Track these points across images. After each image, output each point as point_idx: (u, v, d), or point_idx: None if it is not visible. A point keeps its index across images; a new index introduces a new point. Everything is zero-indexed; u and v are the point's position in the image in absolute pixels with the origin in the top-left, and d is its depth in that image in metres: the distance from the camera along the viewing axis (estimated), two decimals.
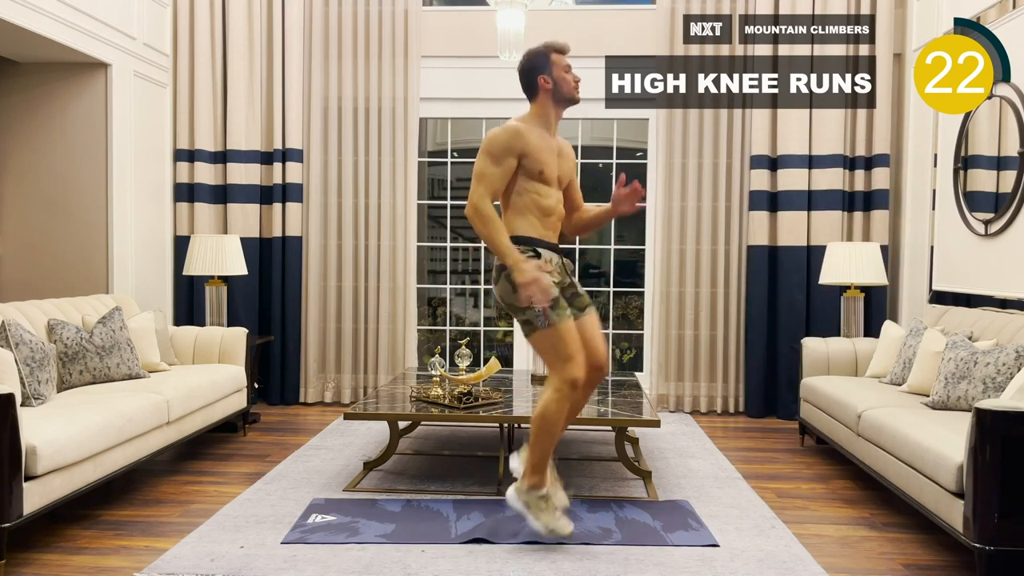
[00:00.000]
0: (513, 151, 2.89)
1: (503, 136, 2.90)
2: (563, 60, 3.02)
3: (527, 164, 2.92)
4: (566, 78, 3.01)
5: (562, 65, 3.01)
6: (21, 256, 5.02)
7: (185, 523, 3.22)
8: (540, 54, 3.01)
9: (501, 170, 2.90)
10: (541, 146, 2.95)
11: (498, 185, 2.91)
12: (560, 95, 3.01)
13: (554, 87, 2.99)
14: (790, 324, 5.49)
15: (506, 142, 2.89)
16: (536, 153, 2.93)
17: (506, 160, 2.89)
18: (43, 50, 4.65)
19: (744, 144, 5.58)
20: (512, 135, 2.90)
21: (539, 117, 3.02)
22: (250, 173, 5.69)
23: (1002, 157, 4.22)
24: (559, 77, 2.99)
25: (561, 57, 3.02)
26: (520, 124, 2.95)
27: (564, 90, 3.01)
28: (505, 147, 2.89)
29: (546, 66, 2.99)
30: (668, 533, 3.10)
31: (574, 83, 3.02)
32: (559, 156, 3.04)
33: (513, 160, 2.90)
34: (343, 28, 5.73)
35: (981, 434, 2.58)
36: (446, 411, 3.79)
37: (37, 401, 3.34)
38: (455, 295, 6.65)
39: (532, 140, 2.93)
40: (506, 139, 2.90)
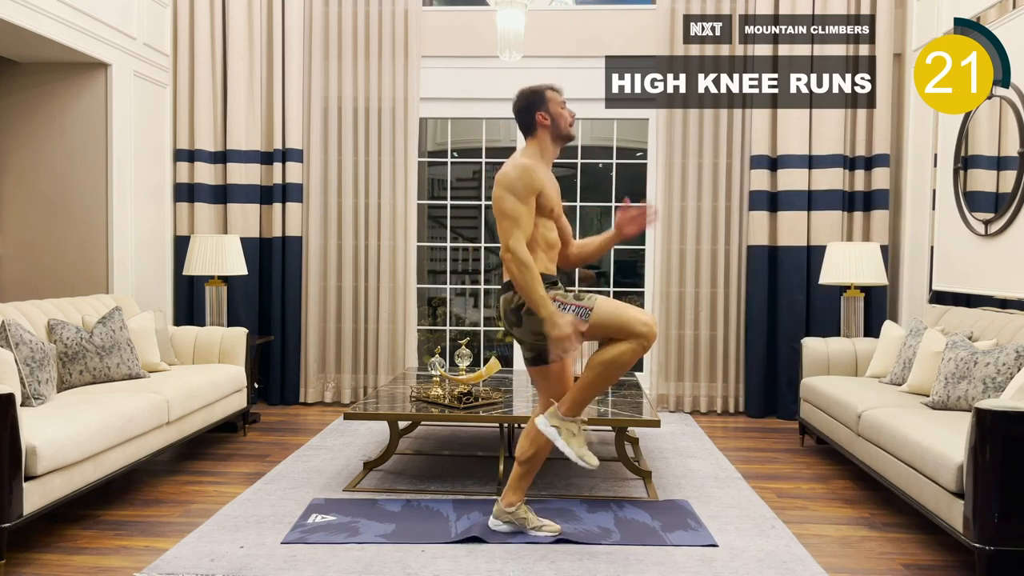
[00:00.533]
0: (533, 188, 2.89)
1: (521, 174, 2.89)
2: (558, 97, 3.05)
3: (541, 202, 2.93)
4: (563, 114, 3.03)
5: (558, 101, 3.04)
6: (21, 256, 5.02)
7: (185, 523, 3.22)
8: (536, 92, 3.04)
9: (529, 209, 2.89)
10: (548, 182, 2.98)
11: (529, 225, 2.89)
12: (557, 131, 3.03)
13: (552, 123, 3.01)
14: (790, 324, 5.49)
15: (528, 182, 2.89)
16: (548, 190, 2.95)
17: (531, 199, 2.89)
18: (43, 50, 4.65)
19: (744, 144, 5.58)
20: (530, 173, 2.90)
21: (538, 153, 3.03)
22: (250, 173, 5.69)
23: (1002, 157, 4.22)
24: (556, 113, 3.02)
25: (556, 94, 3.05)
26: (529, 162, 2.95)
27: (561, 126, 3.03)
28: (528, 187, 2.88)
29: (543, 103, 3.01)
30: (667, 533, 3.10)
31: (570, 118, 3.05)
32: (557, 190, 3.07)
33: (534, 199, 2.91)
34: (343, 28, 5.73)
35: (981, 434, 2.58)
36: (446, 411, 3.79)
37: (37, 401, 3.34)
38: (455, 295, 6.65)
39: (543, 177, 2.96)
40: (528, 179, 2.89)
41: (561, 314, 2.81)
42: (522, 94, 3.06)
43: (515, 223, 2.85)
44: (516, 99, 3.07)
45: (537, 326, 2.85)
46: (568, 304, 2.86)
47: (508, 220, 2.86)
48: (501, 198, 2.88)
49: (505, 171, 2.92)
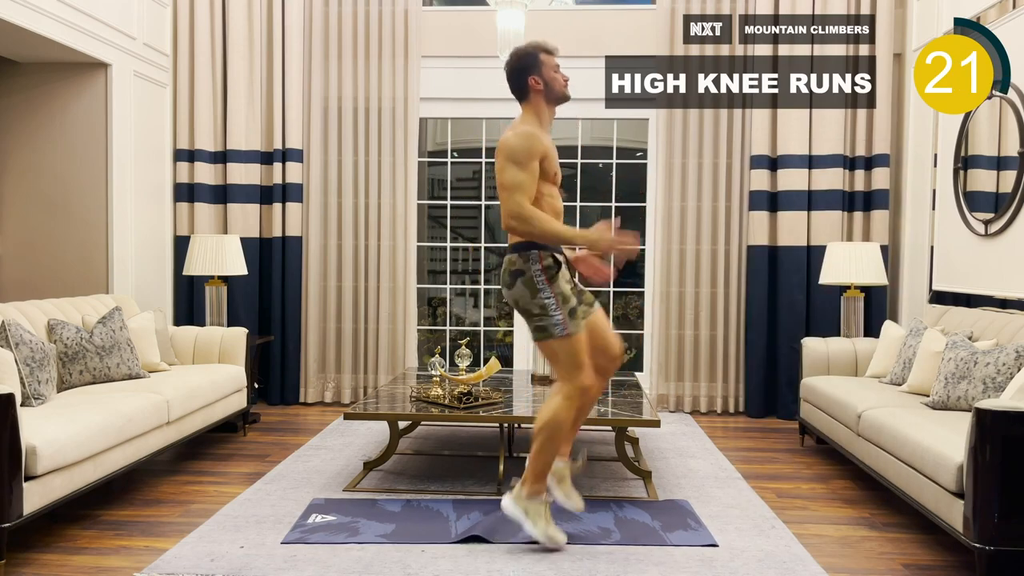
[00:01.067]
0: (536, 154, 2.85)
1: (524, 141, 2.85)
2: (552, 60, 2.99)
3: (545, 167, 2.89)
4: (556, 77, 2.98)
5: (551, 65, 2.98)
6: (21, 256, 5.02)
7: (185, 523, 3.22)
8: (528, 55, 2.98)
9: (531, 175, 2.84)
10: (549, 148, 2.94)
11: (532, 190, 2.85)
12: (552, 94, 2.98)
13: (546, 87, 2.97)
14: (790, 324, 5.49)
15: (529, 146, 2.84)
16: (549, 154, 2.91)
17: (532, 164, 2.84)
18: (43, 50, 4.65)
19: (744, 144, 5.58)
20: (532, 138, 2.86)
21: (535, 117, 2.98)
22: (250, 173, 5.69)
23: (1002, 157, 4.22)
24: (549, 77, 2.96)
25: (550, 57, 2.99)
26: (530, 128, 2.91)
27: (556, 89, 2.98)
28: (528, 151, 2.84)
29: (536, 66, 2.96)
30: (667, 533, 3.10)
31: (564, 81, 2.99)
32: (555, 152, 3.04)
33: (536, 164, 2.86)
34: (343, 28, 5.73)
35: (981, 434, 2.58)
36: (446, 411, 3.79)
37: (37, 401, 3.34)
38: (455, 295, 6.65)
39: (546, 141, 2.92)
40: (528, 143, 2.85)
41: (594, 231, 2.83)
42: (513, 56, 3.00)
43: (514, 189, 2.82)
44: (507, 61, 3.01)
45: (524, 301, 2.86)
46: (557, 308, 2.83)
47: (507, 189, 2.83)
48: (502, 169, 2.85)
49: (506, 138, 2.88)
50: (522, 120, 2.98)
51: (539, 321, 2.86)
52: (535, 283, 2.85)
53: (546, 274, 2.86)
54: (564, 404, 2.88)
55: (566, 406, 2.88)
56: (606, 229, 2.86)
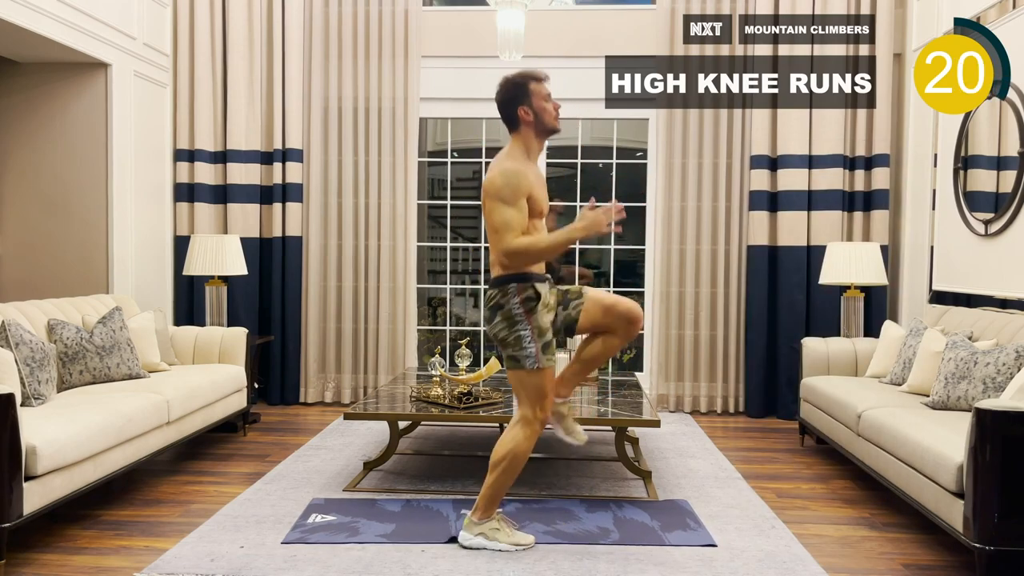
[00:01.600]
0: (523, 192, 2.80)
1: (510, 180, 2.80)
2: (543, 89, 2.91)
3: (531, 204, 2.85)
4: (547, 108, 2.89)
5: (542, 94, 2.90)
6: (21, 256, 5.02)
7: (185, 523, 3.22)
8: (518, 84, 2.90)
9: (520, 212, 2.80)
10: (536, 182, 2.89)
11: (522, 225, 2.81)
12: (541, 126, 2.90)
13: (535, 119, 2.89)
14: (790, 324, 5.49)
15: (516, 185, 2.80)
16: (535, 190, 2.86)
17: (520, 201, 2.80)
18: (43, 50, 4.65)
19: (744, 144, 5.58)
20: (517, 176, 2.81)
21: (523, 149, 2.91)
22: (250, 173, 5.69)
23: (1002, 157, 4.22)
24: (539, 107, 2.88)
25: (540, 86, 2.90)
26: (515, 165, 2.85)
27: (546, 121, 2.90)
28: (516, 189, 2.79)
29: (525, 96, 2.88)
30: (666, 533, 3.10)
31: (555, 112, 2.91)
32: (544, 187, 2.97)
33: (524, 201, 2.82)
34: (343, 28, 5.73)
35: (981, 434, 2.58)
36: (446, 411, 3.79)
37: (37, 401, 3.34)
38: (455, 295, 6.65)
39: (531, 179, 2.86)
40: (515, 182, 2.79)
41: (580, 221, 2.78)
42: (503, 85, 2.93)
43: (505, 229, 2.79)
44: (498, 90, 2.94)
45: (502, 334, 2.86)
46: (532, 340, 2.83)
47: (497, 231, 2.80)
48: (491, 211, 2.81)
49: (491, 178, 2.83)
50: (508, 154, 2.91)
51: (512, 351, 2.86)
52: (513, 316, 2.84)
53: (524, 306, 2.83)
54: (525, 435, 2.88)
55: (527, 436, 2.88)
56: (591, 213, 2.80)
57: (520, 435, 2.88)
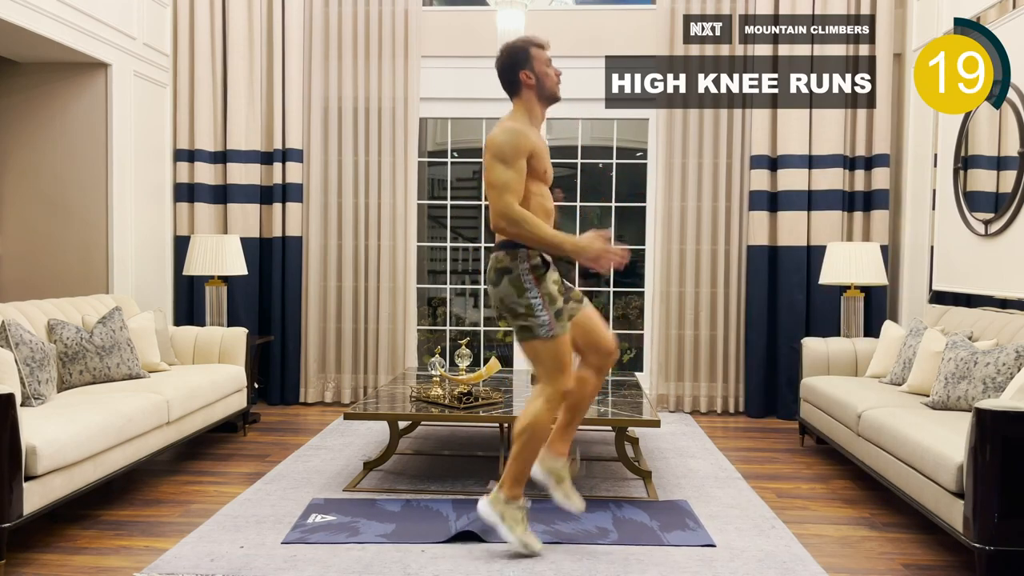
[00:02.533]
0: (523, 151, 2.78)
1: (510, 137, 2.79)
2: (543, 54, 2.90)
3: (534, 164, 2.82)
4: (548, 72, 2.89)
5: (543, 59, 2.90)
6: (21, 256, 5.02)
7: (185, 523, 3.22)
8: (520, 49, 2.89)
9: (518, 173, 2.77)
10: (540, 145, 2.87)
11: (520, 188, 2.78)
12: (543, 91, 2.90)
13: (537, 83, 2.88)
14: (790, 324, 5.49)
15: (516, 143, 2.78)
16: (539, 152, 2.84)
17: (519, 162, 2.77)
18: (43, 50, 4.65)
19: (744, 144, 5.58)
20: (518, 135, 2.79)
21: (526, 114, 2.90)
22: (250, 173, 5.69)
23: (1002, 157, 4.22)
24: (541, 72, 2.88)
25: (542, 51, 2.90)
26: (517, 124, 2.84)
27: (547, 85, 2.89)
28: (515, 148, 2.77)
29: (527, 61, 2.88)
30: (665, 533, 3.10)
31: (556, 77, 2.91)
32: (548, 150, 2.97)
33: (524, 161, 2.79)
34: (343, 28, 5.73)
35: (981, 434, 2.58)
36: (446, 411, 3.79)
37: (37, 401, 3.34)
38: (455, 295, 6.65)
39: (534, 138, 2.84)
40: (514, 140, 2.78)
41: (583, 239, 2.77)
42: (504, 50, 2.91)
43: (501, 189, 2.75)
44: (498, 56, 2.92)
45: (509, 300, 2.81)
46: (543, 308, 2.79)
47: (494, 189, 2.76)
48: (490, 167, 2.78)
49: (492, 135, 2.81)
50: (511, 116, 2.90)
51: (524, 321, 2.80)
52: (522, 282, 2.79)
53: (534, 273, 2.81)
54: (545, 407, 2.83)
55: (547, 409, 2.83)
56: (596, 237, 2.80)
57: (541, 407, 2.83)
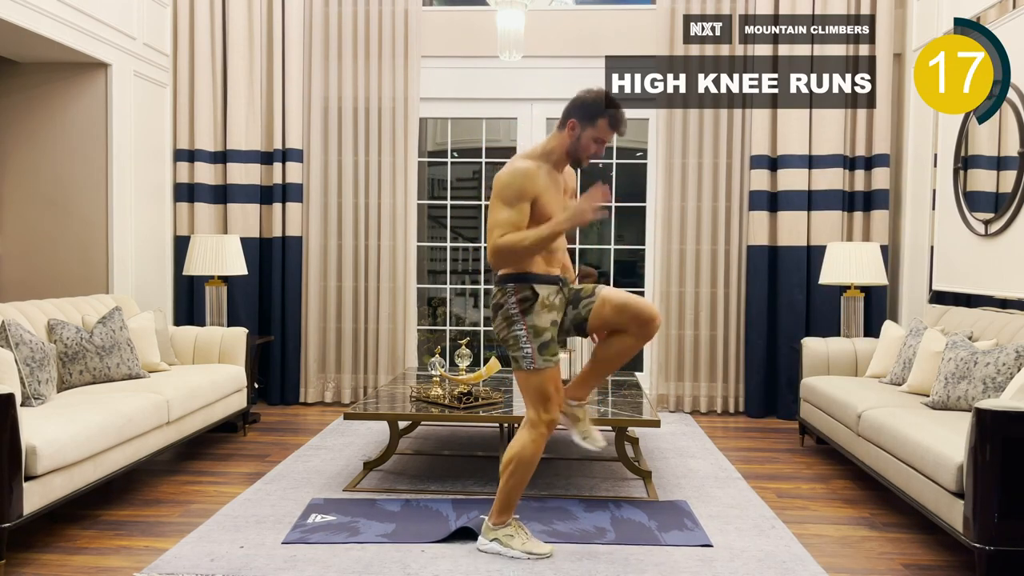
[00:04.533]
0: (527, 195, 2.75)
1: (514, 180, 2.74)
2: (607, 133, 2.83)
3: (537, 209, 2.79)
4: (591, 145, 2.83)
5: (599, 134, 2.83)
6: (21, 256, 5.02)
7: (185, 523, 3.22)
8: (596, 105, 2.81)
9: (520, 216, 2.75)
10: (550, 187, 2.83)
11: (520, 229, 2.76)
12: (574, 150, 2.85)
13: (574, 141, 2.83)
14: (790, 324, 5.49)
15: (520, 187, 2.74)
16: (545, 196, 2.80)
17: (521, 205, 2.75)
18: (43, 50, 4.65)
19: (744, 144, 5.58)
20: (523, 178, 2.75)
21: (551, 151, 2.87)
22: (250, 173, 5.69)
23: (1002, 157, 4.22)
24: (587, 139, 2.82)
25: (605, 126, 2.81)
26: (529, 164, 2.80)
27: (579, 149, 2.84)
28: (519, 192, 2.74)
29: (590, 120, 2.81)
30: (663, 533, 3.10)
31: (593, 151, 2.85)
32: (565, 193, 2.92)
33: (527, 204, 2.76)
34: (343, 28, 5.72)
35: (981, 434, 2.58)
36: (446, 411, 3.79)
37: (37, 401, 3.34)
38: (455, 295, 6.65)
39: (541, 182, 2.79)
40: (519, 184, 2.74)
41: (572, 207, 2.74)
42: (588, 93, 2.86)
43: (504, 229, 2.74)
44: (583, 91, 2.87)
45: (503, 333, 2.85)
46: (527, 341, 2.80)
47: (491, 228, 2.76)
48: (493, 207, 2.78)
49: (500, 174, 2.80)
50: (532, 151, 2.89)
51: (512, 351, 2.86)
52: (510, 315, 2.83)
53: (520, 306, 2.81)
54: (529, 438, 2.84)
55: (531, 440, 2.84)
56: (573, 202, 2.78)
57: (526, 438, 2.85)
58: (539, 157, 2.85)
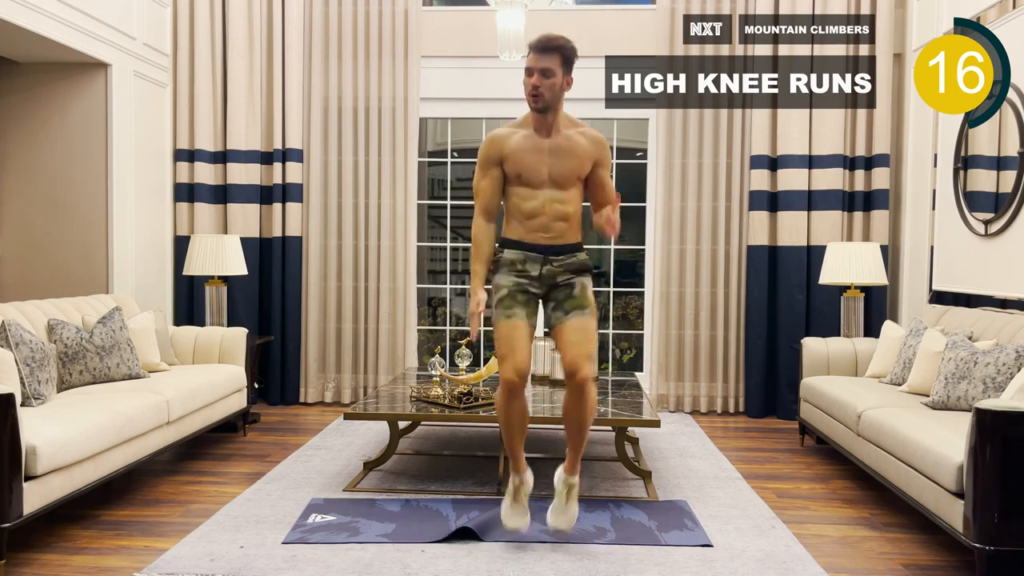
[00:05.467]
0: (492, 159, 2.90)
1: (484, 145, 2.94)
2: (530, 58, 2.82)
3: (507, 168, 2.90)
4: (526, 83, 2.83)
5: (528, 65, 2.82)
6: (21, 256, 5.02)
7: (185, 523, 3.22)
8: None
9: (489, 181, 2.92)
10: (524, 147, 2.87)
11: (490, 197, 2.94)
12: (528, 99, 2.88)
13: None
14: (790, 324, 5.49)
15: (485, 152, 2.92)
16: (515, 156, 2.87)
17: (490, 170, 2.91)
18: (43, 50, 4.65)
19: (744, 144, 5.58)
20: (489, 143, 2.93)
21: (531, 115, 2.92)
22: (250, 173, 5.69)
23: (1002, 157, 4.22)
24: (524, 80, 2.85)
25: (529, 54, 2.83)
26: (503, 128, 2.95)
27: (525, 93, 2.85)
28: (485, 157, 2.92)
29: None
30: (663, 533, 3.10)
31: (529, 88, 2.82)
32: (554, 154, 2.89)
33: (497, 169, 2.90)
34: (343, 28, 5.73)
35: (981, 434, 2.58)
36: (446, 411, 3.79)
37: (37, 401, 3.34)
38: (455, 295, 6.65)
39: (512, 143, 2.88)
40: (485, 149, 2.92)
41: (474, 294, 2.88)
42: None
43: (476, 195, 2.94)
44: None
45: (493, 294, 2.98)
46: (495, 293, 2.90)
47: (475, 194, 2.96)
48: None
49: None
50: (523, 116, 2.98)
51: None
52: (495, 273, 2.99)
53: (495, 266, 2.98)
54: (499, 390, 2.90)
55: (499, 393, 2.90)
56: (475, 304, 2.86)
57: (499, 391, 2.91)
58: (518, 123, 2.98)
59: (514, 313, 2.87)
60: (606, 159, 2.99)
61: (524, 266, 2.91)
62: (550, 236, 2.93)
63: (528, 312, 2.90)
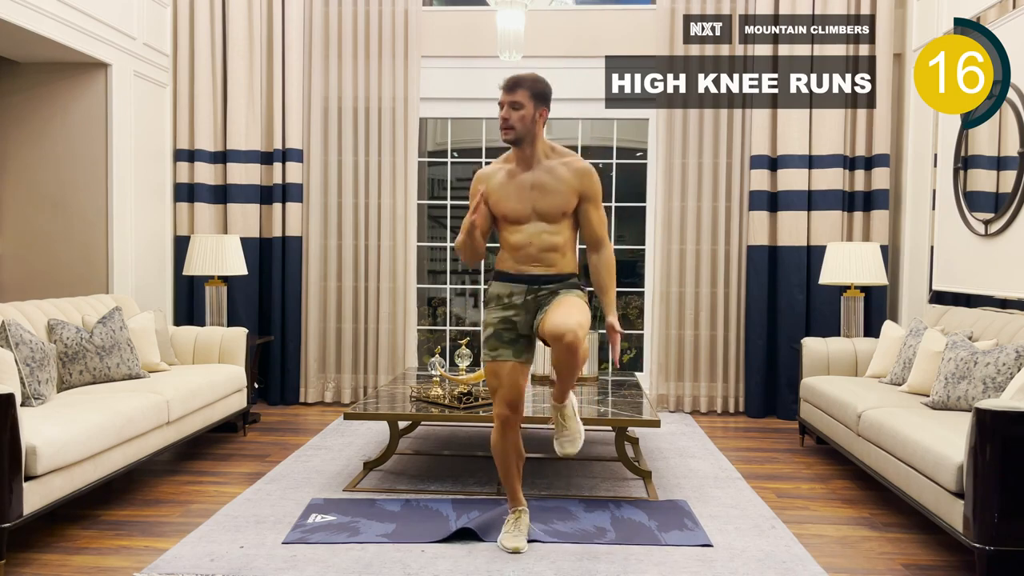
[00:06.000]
0: (474, 196, 2.94)
1: (473, 183, 3.00)
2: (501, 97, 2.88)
3: (492, 208, 2.95)
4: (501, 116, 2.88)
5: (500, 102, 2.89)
6: (21, 256, 5.02)
7: (185, 523, 3.22)
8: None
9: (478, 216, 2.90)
10: (505, 185, 2.91)
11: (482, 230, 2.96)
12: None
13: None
14: (790, 324, 5.49)
15: (472, 190, 2.98)
16: (495, 195, 2.93)
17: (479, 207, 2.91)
18: (43, 50, 4.65)
19: (744, 144, 5.58)
20: (474, 182, 2.99)
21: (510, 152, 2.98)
22: (250, 173, 5.69)
23: (1002, 157, 4.22)
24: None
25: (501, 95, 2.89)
26: (489, 167, 2.99)
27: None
28: (471, 194, 2.98)
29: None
30: (663, 533, 3.10)
31: (501, 122, 2.87)
32: (537, 188, 2.88)
33: (483, 206, 2.92)
34: (343, 28, 5.73)
35: (981, 434, 2.58)
36: (446, 411, 3.79)
37: (37, 401, 3.34)
38: (455, 295, 6.65)
39: (493, 182, 2.94)
40: (473, 187, 2.98)
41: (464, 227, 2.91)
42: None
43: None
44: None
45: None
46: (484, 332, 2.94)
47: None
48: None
49: None
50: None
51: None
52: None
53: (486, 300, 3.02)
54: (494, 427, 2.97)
55: (494, 428, 2.97)
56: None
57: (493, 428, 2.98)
58: (504, 159, 3.01)
59: (500, 353, 2.91)
60: (593, 192, 2.91)
61: (510, 299, 2.92)
62: (540, 266, 2.91)
63: (516, 351, 2.90)
